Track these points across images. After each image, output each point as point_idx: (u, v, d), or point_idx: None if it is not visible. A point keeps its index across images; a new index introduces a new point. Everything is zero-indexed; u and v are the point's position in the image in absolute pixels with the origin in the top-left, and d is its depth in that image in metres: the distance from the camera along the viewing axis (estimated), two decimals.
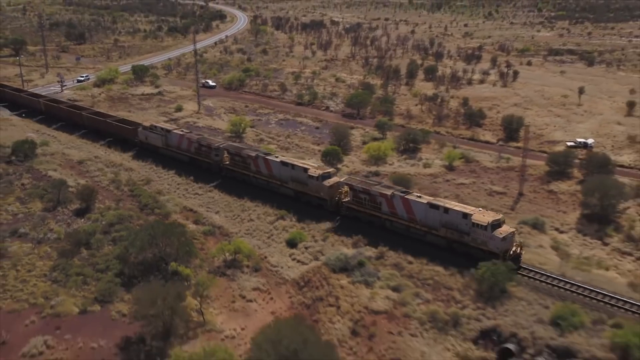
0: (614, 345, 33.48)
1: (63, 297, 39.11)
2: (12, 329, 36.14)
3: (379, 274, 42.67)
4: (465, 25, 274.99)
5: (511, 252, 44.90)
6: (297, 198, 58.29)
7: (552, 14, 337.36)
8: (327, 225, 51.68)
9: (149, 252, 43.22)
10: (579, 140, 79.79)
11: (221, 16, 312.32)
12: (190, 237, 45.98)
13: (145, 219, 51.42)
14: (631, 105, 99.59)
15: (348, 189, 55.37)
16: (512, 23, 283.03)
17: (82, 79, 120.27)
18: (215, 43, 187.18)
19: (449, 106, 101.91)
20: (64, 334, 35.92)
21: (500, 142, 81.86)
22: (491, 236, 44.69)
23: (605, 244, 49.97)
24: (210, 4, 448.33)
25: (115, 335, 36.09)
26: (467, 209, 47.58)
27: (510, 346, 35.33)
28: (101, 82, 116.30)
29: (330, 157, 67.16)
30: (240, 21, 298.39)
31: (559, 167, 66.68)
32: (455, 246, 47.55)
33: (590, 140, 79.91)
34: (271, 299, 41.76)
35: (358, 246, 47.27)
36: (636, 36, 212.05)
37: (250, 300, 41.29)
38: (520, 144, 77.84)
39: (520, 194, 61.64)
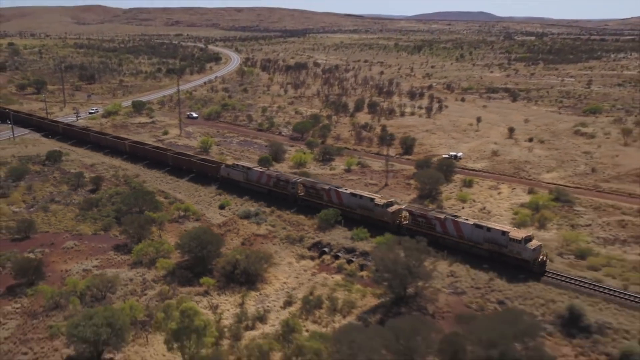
0: (377, 245, 62.96)
1: (82, 226, 69.45)
2: (56, 240, 66.26)
3: (267, 219, 72.80)
4: (432, 67, 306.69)
5: (539, 260, 57.55)
6: (364, 221, 71.05)
7: (517, 56, 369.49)
8: (246, 197, 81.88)
9: (134, 208, 73.37)
10: (452, 153, 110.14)
11: (216, 58, 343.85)
12: (157, 200, 76.33)
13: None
14: (511, 130, 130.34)
15: (407, 214, 69.05)
16: (474, 64, 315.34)
17: (93, 111, 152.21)
18: (205, 83, 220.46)
19: (374, 132, 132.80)
20: (84, 241, 66.11)
21: (397, 155, 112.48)
22: (524, 248, 57.33)
23: None
24: (210, 46, 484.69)
25: (111, 242, 66.23)
26: (505, 227, 61.11)
27: (325, 249, 65.24)
28: (107, 114, 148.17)
29: (263, 162, 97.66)
30: (233, 63, 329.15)
31: (421, 168, 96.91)
32: (495, 256, 59.88)
33: (459, 154, 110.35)
34: None
35: (260, 207, 77.46)
36: (571, 76, 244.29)
37: None
38: (411, 157, 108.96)
39: (386, 185, 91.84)
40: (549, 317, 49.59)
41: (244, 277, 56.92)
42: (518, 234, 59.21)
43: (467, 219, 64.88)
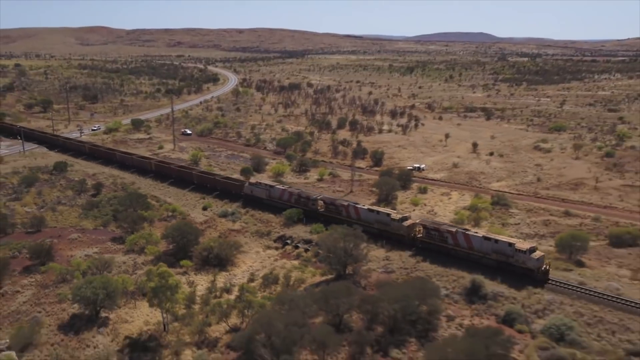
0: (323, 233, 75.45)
1: (84, 222, 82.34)
2: (63, 233, 79.09)
3: (241, 217, 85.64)
4: (420, 87, 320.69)
5: (542, 269, 62.47)
6: (380, 235, 75.50)
7: (504, 77, 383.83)
8: (226, 201, 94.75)
9: (129, 208, 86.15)
10: (416, 165, 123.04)
11: (214, 79, 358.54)
12: (149, 202, 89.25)
13: None
14: (475, 145, 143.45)
15: (422, 228, 73.22)
16: (460, 85, 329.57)
17: (95, 128, 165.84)
18: (201, 102, 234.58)
19: (351, 147, 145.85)
20: (86, 234, 78.93)
21: (368, 167, 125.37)
22: (529, 258, 62.33)
23: None
24: (209, 67, 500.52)
25: (109, 235, 79.03)
26: (511, 240, 66.03)
27: (288, 240, 77.95)
28: (108, 131, 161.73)
29: (245, 172, 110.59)
30: (230, 83, 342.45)
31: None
32: (502, 265, 64.52)
33: (423, 165, 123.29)
34: None
35: (237, 207, 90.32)
36: (548, 97, 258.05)
37: None
38: (380, 168, 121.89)
39: (351, 191, 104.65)
40: (458, 289, 62.03)
41: (217, 260, 69.55)
42: (523, 245, 64.28)
43: (476, 232, 68.96)
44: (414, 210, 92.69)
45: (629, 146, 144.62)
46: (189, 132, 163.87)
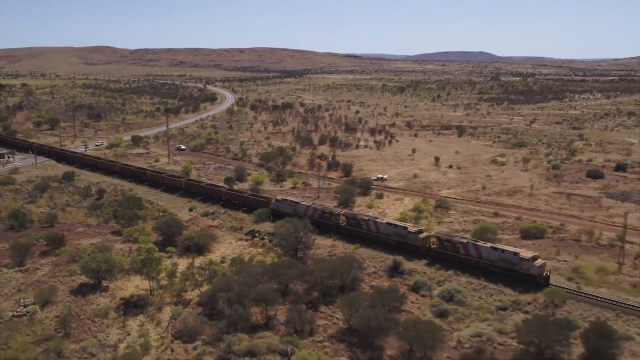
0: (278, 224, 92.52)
1: (89, 220, 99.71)
2: (71, 227, 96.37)
3: (220, 216, 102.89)
4: (406, 106, 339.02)
5: (543, 275, 69.76)
6: (398, 246, 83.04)
7: (488, 96, 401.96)
8: (208, 203, 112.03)
9: (126, 208, 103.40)
10: (379, 175, 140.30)
11: (212, 98, 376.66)
12: (143, 204, 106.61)
13: None
14: (437, 159, 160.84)
15: (436, 240, 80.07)
16: (443, 104, 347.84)
17: (99, 144, 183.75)
18: (197, 120, 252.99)
19: (327, 160, 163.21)
20: (91, 228, 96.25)
21: (338, 177, 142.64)
22: (532, 265, 69.69)
23: None
24: (209, 87, 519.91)
25: (109, 230, 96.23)
26: (516, 249, 73.72)
27: (256, 234, 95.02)
28: (111, 146, 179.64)
29: (228, 181, 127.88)
30: (227, 102, 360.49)
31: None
32: (508, 272, 71.74)
33: (385, 176, 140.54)
34: None
35: (217, 209, 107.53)
36: (521, 116, 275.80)
37: None
38: (349, 178, 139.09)
39: (318, 197, 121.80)
40: (383, 267, 78.97)
41: (196, 248, 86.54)
42: (526, 254, 71.80)
43: (485, 243, 76.65)
44: (367, 211, 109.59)
45: (577, 160, 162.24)
46: (183, 147, 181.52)
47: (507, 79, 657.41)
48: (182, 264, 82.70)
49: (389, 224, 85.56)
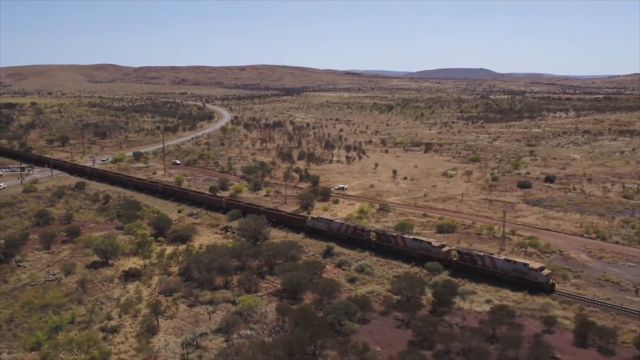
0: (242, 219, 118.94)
1: (98, 218, 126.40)
2: (84, 224, 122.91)
3: (202, 216, 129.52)
4: (388, 124, 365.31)
5: (549, 282, 79.70)
6: (422, 259, 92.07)
7: (468, 115, 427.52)
8: (199, 208, 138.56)
9: (127, 210, 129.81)
10: (340, 185, 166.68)
11: (210, 117, 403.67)
12: (141, 207, 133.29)
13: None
14: (395, 172, 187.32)
15: (456, 253, 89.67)
16: (422, 123, 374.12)
17: (104, 159, 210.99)
18: (192, 138, 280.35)
19: (300, 173, 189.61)
20: (99, 224, 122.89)
21: (307, 187, 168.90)
22: (539, 274, 79.74)
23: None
24: (208, 105, 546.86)
25: (114, 226, 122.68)
26: (526, 260, 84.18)
27: (229, 229, 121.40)
28: (115, 161, 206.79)
29: (212, 190, 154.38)
30: (223, 120, 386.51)
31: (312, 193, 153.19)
32: (520, 281, 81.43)
33: (345, 186, 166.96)
34: None
35: (201, 211, 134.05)
36: (487, 133, 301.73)
37: None
38: (315, 187, 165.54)
39: (285, 202, 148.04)
40: (320, 252, 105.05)
41: (181, 238, 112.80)
42: (535, 265, 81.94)
43: (499, 255, 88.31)
44: (323, 212, 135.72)
45: (517, 173, 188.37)
46: (178, 162, 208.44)
47: (495, 97, 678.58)
48: (169, 250, 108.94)
49: (414, 239, 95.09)
